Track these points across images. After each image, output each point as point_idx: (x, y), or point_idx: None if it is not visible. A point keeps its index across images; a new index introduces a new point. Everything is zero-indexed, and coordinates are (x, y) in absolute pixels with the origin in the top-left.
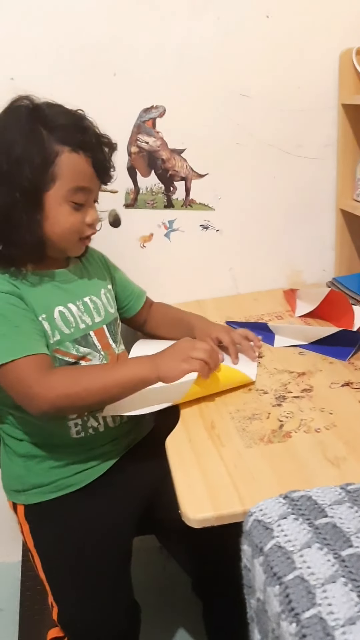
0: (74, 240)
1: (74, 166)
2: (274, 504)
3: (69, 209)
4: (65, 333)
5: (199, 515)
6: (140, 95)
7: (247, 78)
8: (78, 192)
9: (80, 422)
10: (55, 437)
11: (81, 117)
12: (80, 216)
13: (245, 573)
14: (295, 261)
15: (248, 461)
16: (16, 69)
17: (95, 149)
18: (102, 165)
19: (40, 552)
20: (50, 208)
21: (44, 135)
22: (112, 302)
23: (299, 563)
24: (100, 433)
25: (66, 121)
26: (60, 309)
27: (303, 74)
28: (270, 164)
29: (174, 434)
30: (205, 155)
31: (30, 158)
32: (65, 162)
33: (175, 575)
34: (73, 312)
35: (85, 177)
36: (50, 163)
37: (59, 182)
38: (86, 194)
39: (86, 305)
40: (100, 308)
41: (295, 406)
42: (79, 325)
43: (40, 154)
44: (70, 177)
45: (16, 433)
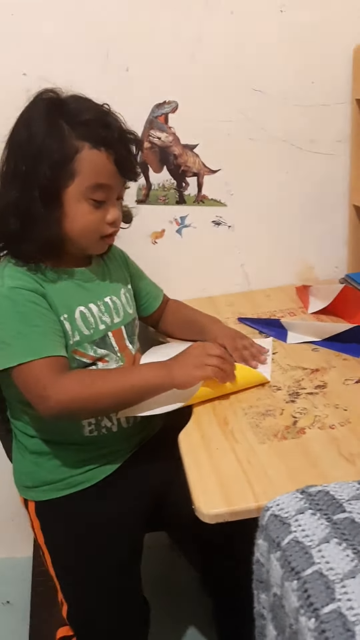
0: (94, 239)
1: (94, 163)
2: (291, 499)
3: (89, 207)
4: (85, 334)
5: (212, 511)
6: (153, 91)
7: (260, 73)
8: (97, 190)
9: (94, 421)
10: (67, 435)
11: (105, 112)
12: (100, 214)
13: (257, 568)
14: (307, 257)
15: (262, 457)
16: (28, 65)
17: (118, 145)
18: (124, 162)
19: (51, 548)
20: (69, 205)
21: (65, 130)
22: (131, 302)
23: (317, 558)
24: (113, 433)
25: (89, 116)
26: (81, 309)
27: (316, 69)
28: (283, 159)
29: (186, 430)
30: (217, 151)
31: (49, 153)
32: (85, 159)
33: (185, 572)
34: (93, 312)
35: (105, 174)
36: (70, 159)
37: (78, 179)
38: (106, 192)
39: (107, 305)
40: (119, 308)
41: (309, 402)
42: (99, 326)
43: (60, 149)
44: (90, 174)
45: (28, 430)
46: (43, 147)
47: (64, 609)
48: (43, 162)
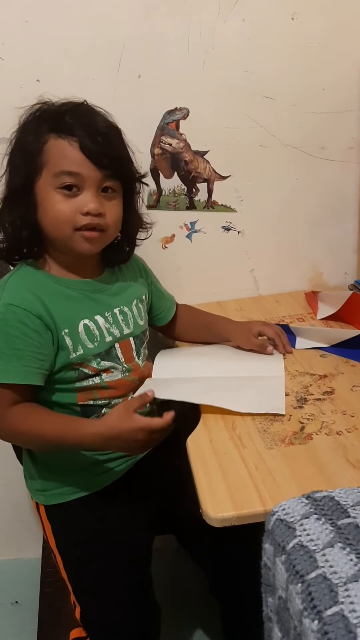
0: (68, 231)
1: (58, 151)
2: (296, 504)
3: (59, 197)
4: (89, 347)
5: (220, 515)
6: (164, 97)
7: (271, 80)
8: (63, 177)
9: None
10: None
11: (76, 104)
12: (72, 204)
13: (264, 571)
14: (317, 264)
15: (269, 462)
16: (42, 72)
17: (83, 132)
18: (92, 149)
19: (62, 551)
20: (41, 197)
21: (41, 126)
22: (143, 314)
23: (321, 562)
24: None
25: (61, 110)
26: (85, 322)
27: (327, 76)
28: (293, 166)
29: (195, 435)
30: (228, 157)
31: (25, 148)
32: (50, 148)
33: (193, 575)
34: (100, 324)
35: (70, 161)
36: (39, 151)
37: (45, 170)
38: (76, 180)
39: (115, 316)
40: (129, 320)
41: (317, 408)
42: (105, 339)
43: (33, 143)
44: (55, 163)
45: None
46: (21, 144)
47: (77, 610)
48: (20, 157)
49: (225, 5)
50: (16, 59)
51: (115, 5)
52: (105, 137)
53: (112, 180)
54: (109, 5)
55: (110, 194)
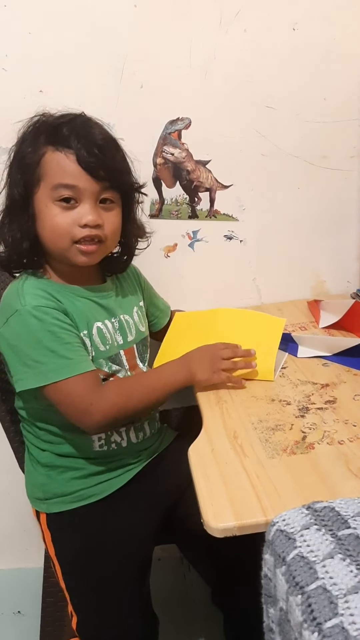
0: (66, 244)
1: (55, 164)
2: (296, 514)
3: (58, 210)
4: (101, 350)
5: (221, 525)
6: (167, 107)
7: (273, 90)
8: (60, 190)
9: (104, 436)
10: (77, 450)
11: (74, 116)
12: (70, 216)
13: (265, 582)
14: (319, 272)
15: (270, 472)
16: (45, 82)
17: (79, 144)
18: (88, 161)
19: (61, 560)
20: (39, 210)
21: (39, 139)
22: (143, 320)
23: (321, 573)
24: (123, 447)
25: (58, 122)
26: (98, 325)
27: (328, 85)
28: (295, 175)
29: (196, 444)
30: (230, 167)
31: (23, 160)
32: (47, 161)
33: (196, 585)
34: (109, 328)
35: (67, 173)
36: (37, 164)
37: (43, 183)
38: (73, 192)
39: (121, 323)
40: (132, 327)
41: (319, 418)
42: (113, 343)
43: (31, 156)
44: (52, 175)
45: (39, 443)
46: (20, 156)
47: (74, 620)
48: (18, 169)
49: (226, 16)
50: (19, 70)
51: (118, 16)
52: (102, 149)
53: (110, 192)
54: (112, 16)
55: (108, 205)
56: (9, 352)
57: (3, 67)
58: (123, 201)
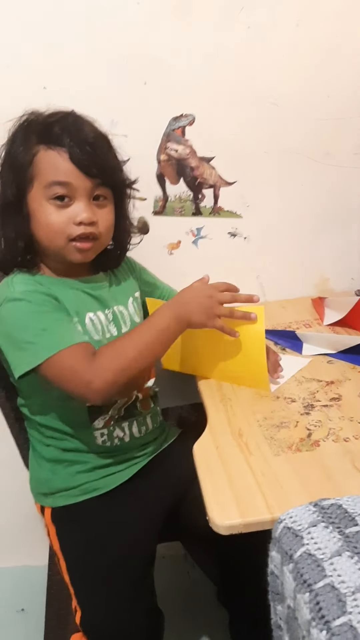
0: (62, 242)
1: (48, 162)
2: (304, 512)
3: (52, 208)
4: (95, 339)
5: (226, 522)
6: (170, 104)
7: (276, 86)
8: (54, 187)
9: (106, 432)
10: (81, 444)
11: (64, 114)
12: (65, 214)
13: (272, 579)
14: (323, 269)
15: (276, 469)
16: (48, 79)
17: (71, 142)
18: (81, 158)
19: (66, 555)
20: (34, 209)
21: (31, 138)
22: (139, 311)
23: (329, 571)
24: (126, 442)
25: (49, 121)
26: (90, 316)
27: (332, 82)
28: (299, 172)
29: (201, 441)
30: (233, 163)
31: (15, 160)
32: (40, 160)
33: (200, 583)
34: (102, 320)
35: (60, 171)
36: (29, 163)
37: (36, 181)
38: (67, 190)
39: (115, 315)
40: (126, 318)
41: (324, 415)
42: (106, 334)
43: (22, 155)
44: (45, 174)
45: (43, 439)
46: (11, 156)
47: (78, 615)
48: (10, 169)
49: (230, 12)
50: (22, 66)
51: (121, 12)
52: (94, 146)
53: (102, 188)
54: (115, 12)
55: (101, 201)
56: (5, 342)
57: (6, 64)
58: (115, 198)
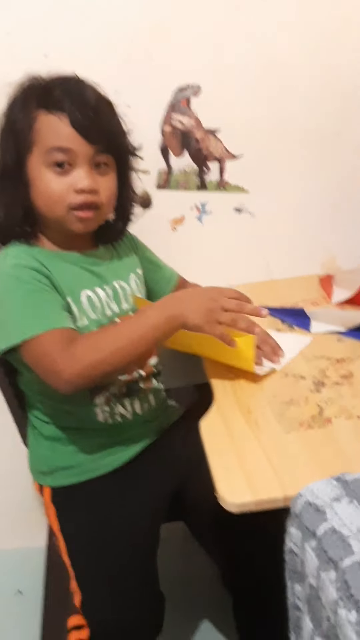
0: (62, 210)
1: (48, 127)
2: (326, 486)
3: (52, 174)
4: (93, 318)
5: (237, 500)
6: (175, 74)
7: (286, 61)
8: (55, 153)
9: (108, 408)
10: (81, 422)
11: (65, 78)
12: (65, 181)
13: (290, 557)
14: (331, 247)
15: (287, 446)
16: (50, 47)
17: (72, 107)
18: (82, 123)
19: (66, 536)
20: (33, 176)
21: (31, 103)
22: (141, 288)
23: (356, 548)
24: (128, 420)
25: (49, 85)
26: (87, 294)
27: (346, 56)
28: (308, 147)
29: (208, 418)
30: (240, 136)
31: (14, 125)
32: (40, 125)
33: (204, 566)
34: (101, 297)
35: (61, 137)
36: (29, 128)
37: (36, 147)
38: (68, 155)
39: (115, 290)
40: (128, 294)
41: (335, 392)
42: (106, 312)
43: (22, 120)
44: (45, 139)
45: (43, 416)
46: (11, 121)
47: (77, 597)
48: (10, 135)
49: None
50: (23, 34)
51: None
52: (96, 110)
53: (104, 155)
54: None
55: (103, 169)
56: None
57: (6, 31)
58: (118, 165)
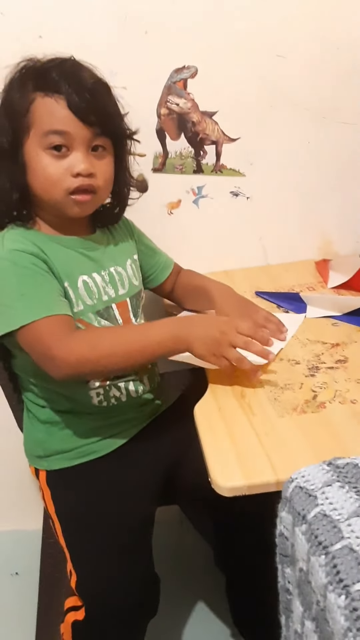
0: (60, 194)
1: (45, 110)
2: (317, 471)
3: (49, 158)
4: (88, 304)
5: (230, 484)
6: (172, 55)
7: (283, 38)
8: (51, 136)
9: (102, 391)
10: (77, 405)
11: (62, 60)
12: (62, 165)
13: (281, 541)
14: (327, 231)
15: (280, 431)
16: (44, 27)
17: (69, 89)
18: (79, 106)
19: (61, 518)
20: (30, 159)
21: (28, 85)
22: (137, 274)
23: (346, 532)
24: (123, 402)
25: (46, 67)
26: (84, 279)
27: (342, 34)
28: (305, 128)
29: (202, 402)
30: (237, 119)
31: (11, 107)
32: (37, 108)
33: (197, 548)
34: (97, 282)
35: (58, 120)
36: (26, 111)
37: (32, 130)
38: (65, 139)
39: (111, 275)
40: (124, 280)
41: (330, 377)
42: (102, 297)
43: (19, 103)
44: (42, 122)
45: (38, 400)
46: (8, 103)
47: (73, 579)
48: (7, 118)
49: None
50: (18, 14)
51: None
52: (93, 93)
53: (102, 138)
54: None
55: (100, 152)
56: None
57: (0, 12)
58: (115, 149)
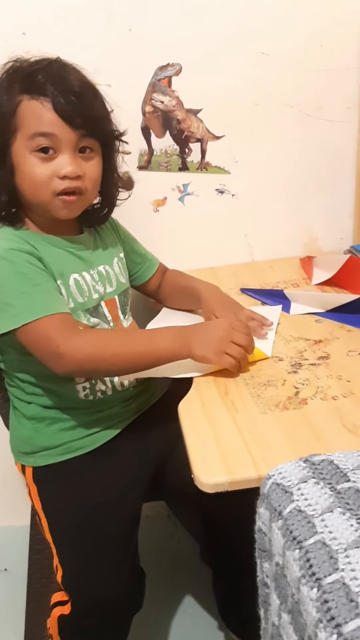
0: (47, 196)
1: (32, 112)
2: (293, 467)
3: (36, 160)
4: (79, 302)
5: (212, 480)
6: (156, 53)
7: (268, 36)
8: (37, 139)
9: (89, 385)
10: (63, 400)
11: (49, 61)
12: (49, 167)
13: (259, 536)
14: (312, 228)
15: (262, 427)
16: (28, 25)
17: (56, 91)
18: (66, 109)
19: (48, 514)
20: (17, 161)
21: (14, 87)
22: (124, 272)
23: (320, 527)
24: (109, 396)
25: (32, 69)
26: (75, 277)
27: (326, 32)
28: (290, 126)
29: (186, 399)
30: (222, 116)
31: (0, 113)
32: (24, 110)
33: (184, 542)
34: (87, 280)
35: (44, 122)
36: (12, 113)
37: (19, 133)
38: (51, 141)
39: (100, 274)
40: (112, 278)
41: (312, 373)
42: (92, 295)
43: (6, 105)
44: (29, 125)
45: (24, 396)
46: None
47: (59, 574)
48: None
49: None
50: (1, 11)
51: None
52: (80, 95)
53: (88, 140)
54: None
55: (88, 154)
56: None
57: None
58: (103, 150)
